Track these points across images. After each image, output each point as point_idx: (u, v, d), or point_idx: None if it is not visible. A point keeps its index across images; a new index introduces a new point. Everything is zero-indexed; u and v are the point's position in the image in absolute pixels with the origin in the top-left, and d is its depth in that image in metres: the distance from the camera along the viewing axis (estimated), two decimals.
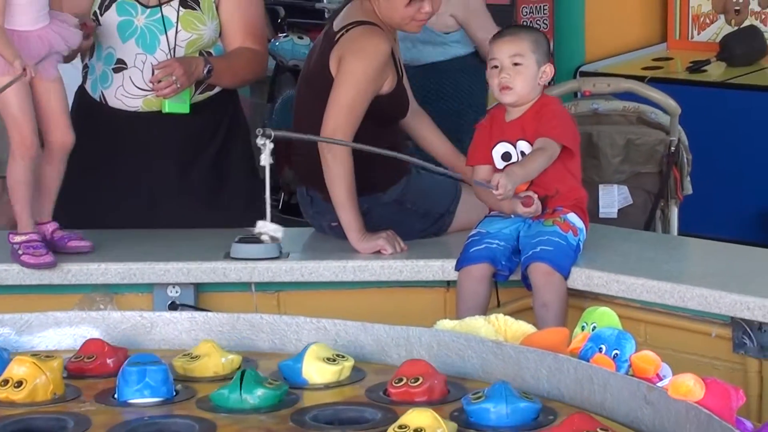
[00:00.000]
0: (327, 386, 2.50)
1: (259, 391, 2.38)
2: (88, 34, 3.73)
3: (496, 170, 3.54)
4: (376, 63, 3.69)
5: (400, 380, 2.42)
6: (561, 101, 3.79)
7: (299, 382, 2.49)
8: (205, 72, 3.87)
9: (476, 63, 4.55)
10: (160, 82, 3.78)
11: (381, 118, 3.73)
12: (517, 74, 3.52)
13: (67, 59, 3.76)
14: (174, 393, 2.45)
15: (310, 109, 3.82)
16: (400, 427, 2.20)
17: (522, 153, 3.55)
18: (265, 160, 2.68)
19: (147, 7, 3.93)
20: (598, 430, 2.22)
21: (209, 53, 3.96)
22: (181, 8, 3.92)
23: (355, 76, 3.68)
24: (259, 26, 4.05)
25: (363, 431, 2.31)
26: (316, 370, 2.51)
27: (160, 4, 3.92)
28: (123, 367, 2.45)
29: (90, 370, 2.57)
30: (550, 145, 3.51)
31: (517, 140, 3.56)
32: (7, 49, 3.47)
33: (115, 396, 2.44)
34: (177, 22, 3.91)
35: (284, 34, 5.93)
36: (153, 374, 2.43)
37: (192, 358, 2.58)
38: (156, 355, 2.53)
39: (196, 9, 3.93)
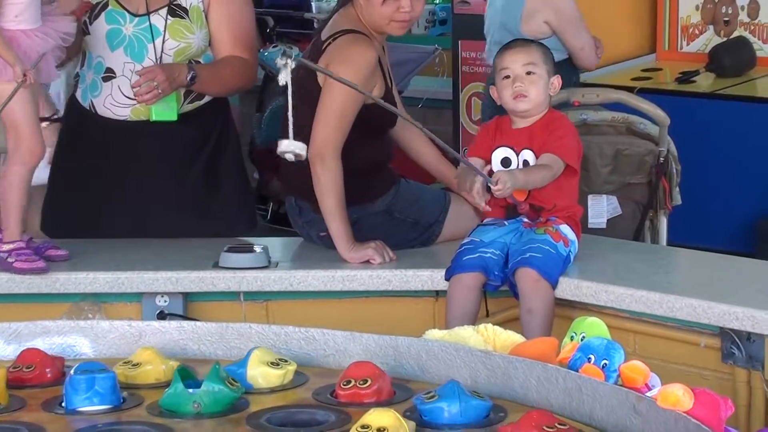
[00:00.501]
0: (272, 390, 2.54)
1: (217, 388, 2.41)
2: (78, 18, 3.72)
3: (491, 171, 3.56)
4: (363, 70, 3.69)
5: (349, 382, 2.46)
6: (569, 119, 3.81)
7: (244, 387, 2.51)
8: (188, 79, 3.87)
9: (569, 69, 4.61)
10: (141, 87, 3.78)
11: (371, 128, 3.74)
12: (531, 83, 3.56)
13: (63, 61, 3.76)
14: (122, 400, 2.48)
15: (299, 117, 3.82)
16: (362, 427, 2.24)
17: (525, 161, 3.57)
18: (286, 77, 2.66)
19: (136, 15, 3.93)
20: (556, 425, 2.25)
21: (198, 62, 3.97)
22: (169, 17, 3.93)
23: (342, 85, 3.71)
24: (248, 35, 4.04)
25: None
26: (260, 375, 2.55)
27: (148, 13, 3.93)
28: (71, 376, 2.47)
29: (29, 380, 2.58)
30: (556, 162, 3.55)
31: (522, 149, 3.58)
32: (6, 53, 3.47)
33: (63, 404, 2.45)
34: (165, 31, 3.91)
35: (273, 44, 5.95)
36: (101, 382, 2.45)
37: (133, 365, 2.60)
38: (102, 363, 2.56)
39: (184, 18, 3.94)
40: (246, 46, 4.01)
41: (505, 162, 3.59)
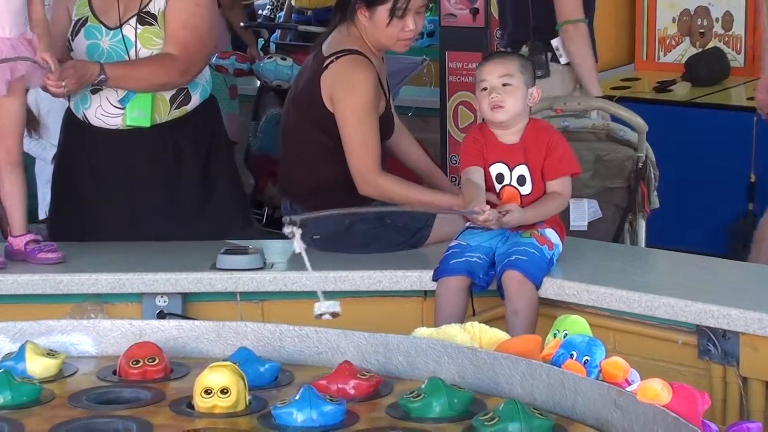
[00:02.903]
0: (55, 378, 2.64)
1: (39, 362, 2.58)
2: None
3: (490, 188, 3.59)
4: (370, 93, 3.75)
5: (137, 362, 2.61)
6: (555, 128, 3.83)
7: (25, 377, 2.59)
8: (96, 80, 3.85)
9: None
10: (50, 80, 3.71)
11: None
12: (507, 94, 3.56)
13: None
14: None
15: (297, 129, 3.90)
16: (205, 391, 2.36)
17: (521, 177, 3.61)
18: (300, 247, 2.59)
19: (110, 29, 3.96)
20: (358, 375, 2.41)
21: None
22: (138, 26, 3.94)
23: (356, 113, 3.75)
24: (185, 34, 3.94)
25: (144, 406, 2.48)
26: (39, 365, 2.64)
27: (120, 25, 3.95)
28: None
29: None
30: (566, 184, 3.59)
31: (516, 164, 3.60)
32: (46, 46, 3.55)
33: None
34: (136, 41, 3.94)
35: (268, 56, 6.00)
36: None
37: None
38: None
39: (153, 24, 3.95)
40: (178, 44, 3.93)
41: (499, 178, 3.62)
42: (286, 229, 2.58)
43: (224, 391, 2.42)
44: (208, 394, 2.42)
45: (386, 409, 2.47)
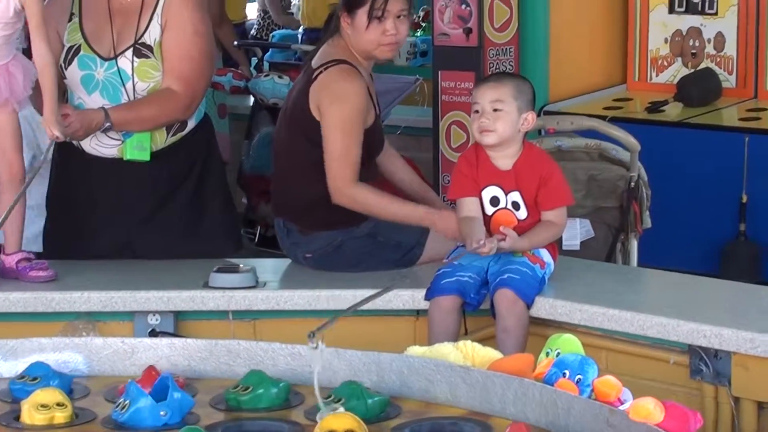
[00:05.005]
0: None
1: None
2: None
3: (484, 214, 3.59)
4: (357, 105, 3.75)
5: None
6: (549, 155, 3.83)
7: None
8: (102, 129, 3.83)
9: None
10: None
11: (364, 155, 3.79)
12: (497, 119, 3.56)
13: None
14: None
15: (288, 144, 3.91)
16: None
17: (514, 203, 3.61)
18: (318, 364, 2.54)
19: (105, 59, 3.91)
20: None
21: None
22: (135, 58, 3.89)
23: (341, 123, 3.74)
24: (185, 67, 3.90)
25: None
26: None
27: (115, 56, 3.90)
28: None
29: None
30: (561, 215, 3.60)
31: (511, 190, 3.61)
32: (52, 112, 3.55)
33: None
34: (133, 74, 3.89)
35: (265, 74, 6.01)
36: None
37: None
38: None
39: (149, 56, 3.90)
40: (180, 79, 3.89)
41: (494, 201, 3.62)
42: (311, 344, 2.54)
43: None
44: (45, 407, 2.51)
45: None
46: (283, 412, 2.61)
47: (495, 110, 3.56)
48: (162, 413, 2.49)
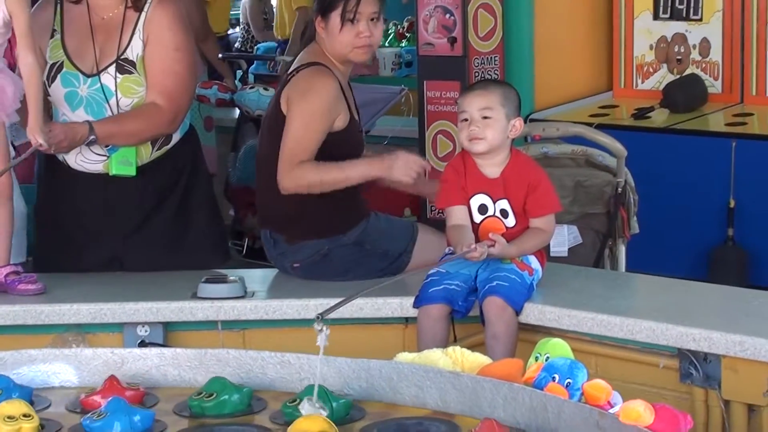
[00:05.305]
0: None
1: None
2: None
3: (472, 222, 3.60)
4: (325, 99, 3.76)
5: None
6: (536, 162, 3.83)
7: None
8: (86, 142, 3.83)
9: None
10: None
11: (340, 157, 3.78)
12: (486, 126, 3.57)
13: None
14: None
15: (270, 155, 3.91)
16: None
17: (502, 211, 3.62)
18: (323, 341, 2.55)
19: (88, 76, 3.91)
20: None
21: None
22: (118, 74, 3.89)
23: (304, 113, 3.74)
24: (168, 82, 3.90)
25: None
26: None
27: (98, 73, 3.90)
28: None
29: None
30: (549, 222, 3.61)
31: (499, 198, 3.61)
32: (36, 120, 3.54)
33: None
34: (116, 90, 3.89)
35: (250, 86, 6.02)
36: None
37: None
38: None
39: (132, 72, 3.90)
40: (164, 94, 3.89)
41: (482, 209, 3.63)
42: (317, 326, 2.54)
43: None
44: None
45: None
46: (247, 417, 2.63)
47: (484, 117, 3.57)
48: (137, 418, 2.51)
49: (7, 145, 3.78)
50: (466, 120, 3.60)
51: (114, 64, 3.91)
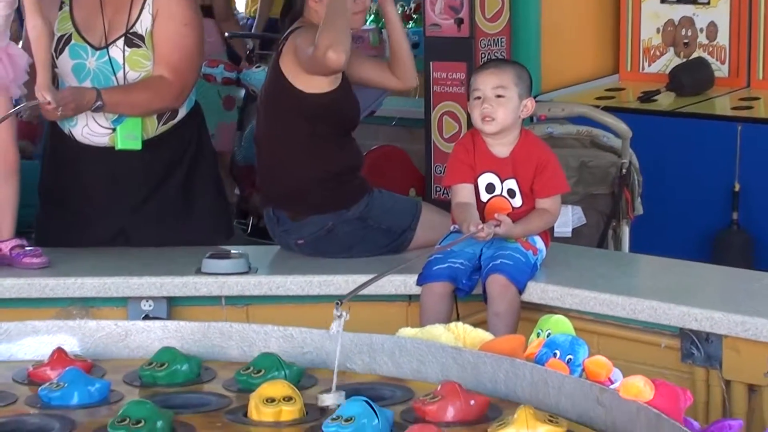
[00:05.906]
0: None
1: None
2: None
3: (479, 200, 3.60)
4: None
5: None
6: (546, 143, 3.83)
7: None
8: (92, 108, 3.83)
9: None
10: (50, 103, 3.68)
11: (338, 120, 3.80)
12: (500, 105, 3.57)
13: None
14: None
15: (269, 130, 3.91)
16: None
17: (510, 190, 3.62)
18: (338, 327, 2.55)
19: (97, 49, 3.93)
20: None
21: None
22: (126, 48, 3.91)
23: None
24: (176, 57, 3.92)
25: None
26: None
27: (107, 45, 3.91)
28: None
29: None
30: (556, 202, 3.61)
31: (507, 178, 3.62)
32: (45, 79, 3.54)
33: None
34: (124, 63, 3.91)
35: (257, 65, 6.02)
36: None
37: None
38: None
39: (141, 46, 3.92)
40: (170, 67, 3.91)
41: (490, 188, 3.63)
42: (336, 312, 2.53)
43: None
44: None
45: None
46: (197, 386, 2.64)
47: (497, 96, 3.57)
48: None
49: (16, 121, 3.79)
50: (479, 98, 3.60)
51: (123, 38, 3.92)
